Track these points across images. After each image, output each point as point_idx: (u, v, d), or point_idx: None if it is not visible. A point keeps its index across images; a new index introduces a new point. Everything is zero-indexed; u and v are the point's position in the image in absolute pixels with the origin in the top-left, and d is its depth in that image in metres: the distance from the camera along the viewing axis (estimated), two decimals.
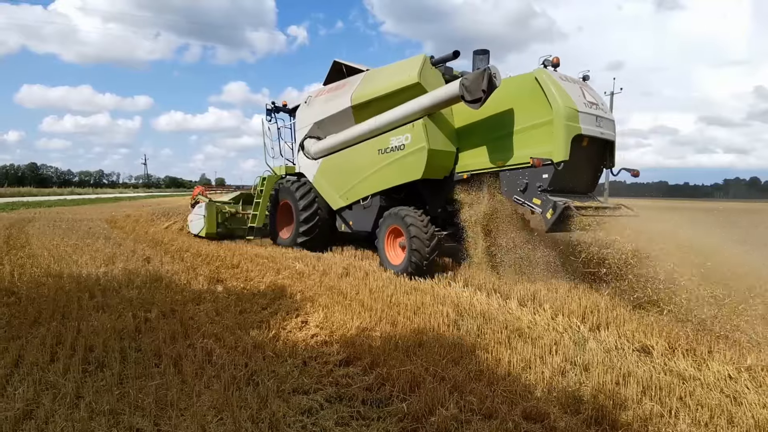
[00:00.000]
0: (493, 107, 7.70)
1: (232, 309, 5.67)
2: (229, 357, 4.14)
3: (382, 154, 8.95)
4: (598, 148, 7.75)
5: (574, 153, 7.06)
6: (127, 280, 7.04)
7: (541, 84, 7.24)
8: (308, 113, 10.95)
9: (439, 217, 8.79)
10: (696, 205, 51.81)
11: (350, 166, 9.78)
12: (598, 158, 7.96)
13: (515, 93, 7.65)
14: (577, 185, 7.77)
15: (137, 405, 3.32)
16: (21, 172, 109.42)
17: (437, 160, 8.30)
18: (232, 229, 12.72)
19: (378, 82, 9.26)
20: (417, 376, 3.78)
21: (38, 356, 4.08)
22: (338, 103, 9.94)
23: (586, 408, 3.36)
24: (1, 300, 5.83)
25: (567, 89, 7.22)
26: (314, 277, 7.51)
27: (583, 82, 7.93)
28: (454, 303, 6.05)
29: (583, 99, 7.35)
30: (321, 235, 10.63)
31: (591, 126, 7.30)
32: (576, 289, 6.62)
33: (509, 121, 7.68)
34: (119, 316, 5.26)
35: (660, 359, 4.37)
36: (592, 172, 8.07)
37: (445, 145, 8.38)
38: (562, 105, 6.99)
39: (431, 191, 8.90)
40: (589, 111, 7.33)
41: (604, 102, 8.02)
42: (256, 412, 3.23)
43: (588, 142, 7.35)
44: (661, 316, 5.49)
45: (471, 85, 7.30)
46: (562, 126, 6.97)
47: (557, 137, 7.01)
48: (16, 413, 3.13)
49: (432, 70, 8.67)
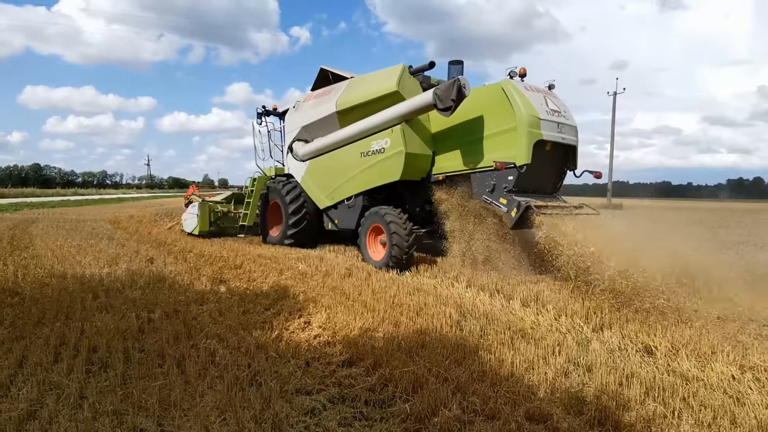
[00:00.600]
0: (465, 114, 8.43)
1: (235, 309, 5.68)
2: (232, 357, 4.15)
3: (364, 157, 9.61)
4: (561, 152, 8.43)
5: (537, 157, 7.77)
6: (131, 280, 7.06)
7: (506, 94, 7.94)
8: (296, 117, 11.56)
9: (417, 215, 9.53)
10: (697, 205, 51.76)
11: (335, 167, 10.38)
12: (562, 161, 8.64)
13: (485, 101, 8.33)
14: (542, 186, 8.46)
15: (141, 405, 3.33)
16: (24, 173, 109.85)
17: (414, 163, 8.99)
18: (224, 228, 13.32)
19: (361, 90, 9.90)
20: (420, 376, 3.78)
21: (42, 357, 4.09)
22: (324, 109, 10.54)
23: (589, 409, 3.36)
24: (4, 300, 5.84)
25: (530, 98, 7.91)
26: (317, 278, 7.52)
27: (548, 91, 8.64)
28: (457, 304, 6.05)
29: (545, 107, 8.03)
30: (309, 233, 11.19)
31: (552, 132, 7.99)
32: (578, 290, 6.62)
33: (479, 127, 8.38)
34: (123, 316, 5.27)
35: (663, 360, 4.36)
36: (556, 174, 8.74)
37: (421, 149, 9.11)
38: (525, 113, 7.69)
39: (410, 191, 9.62)
40: (551, 118, 8.00)
41: (567, 109, 8.58)
42: (259, 413, 3.24)
43: (551, 146, 8.05)
44: (664, 317, 5.49)
45: (442, 94, 7.98)
46: (525, 132, 7.65)
47: (520, 143, 7.70)
48: (20, 413, 3.14)
49: (410, 79, 9.36)
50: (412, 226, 8.69)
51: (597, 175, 9.02)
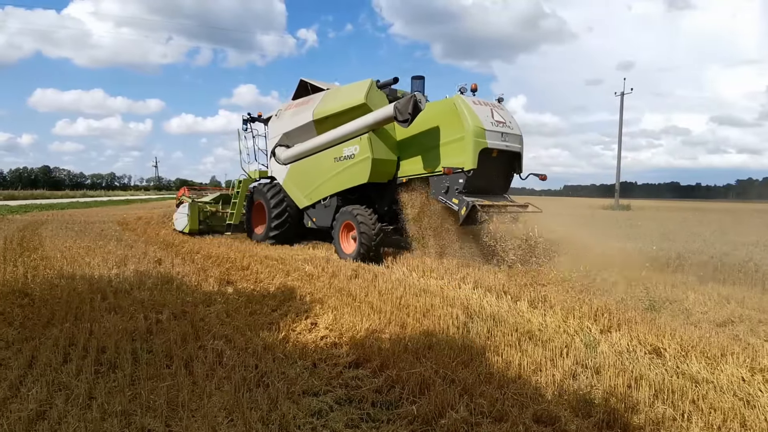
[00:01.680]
0: (425, 124, 9.50)
1: (242, 310, 5.70)
2: (240, 358, 4.16)
3: (338, 162, 10.69)
4: (507, 158, 9.49)
5: (484, 162, 8.83)
6: (139, 281, 7.10)
7: (456, 108, 9.00)
8: (279, 124, 12.56)
9: (386, 214, 10.55)
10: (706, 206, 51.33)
11: (313, 171, 11.42)
12: (509, 166, 9.72)
13: (440, 114, 9.38)
14: (492, 187, 9.49)
15: (149, 406, 3.35)
16: (34, 175, 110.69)
17: (381, 167, 10.07)
18: (212, 226, 14.19)
19: (335, 101, 10.93)
20: (427, 378, 3.77)
21: (51, 357, 4.12)
22: (303, 117, 11.55)
23: (597, 411, 3.34)
24: (14, 301, 5.89)
25: (477, 112, 8.95)
26: (323, 279, 7.53)
27: (497, 104, 9.67)
28: (464, 305, 6.03)
29: (491, 119, 9.08)
30: (290, 230, 12.16)
31: (497, 141, 9.03)
32: (587, 291, 6.59)
33: (436, 136, 9.42)
34: (131, 317, 5.30)
35: (672, 362, 4.33)
36: (503, 177, 9.85)
37: (387, 155, 10.16)
38: (472, 125, 8.75)
39: (379, 193, 10.72)
40: (496, 129, 9.05)
41: (512, 120, 9.65)
42: (266, 414, 3.24)
43: (497, 153, 9.11)
44: (674, 319, 5.45)
45: (401, 108, 9.06)
46: (471, 141, 8.71)
47: (467, 150, 8.75)
48: (29, 414, 3.16)
49: (378, 92, 10.41)
50: (380, 223, 9.81)
51: (542, 178, 10.15)
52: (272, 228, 12.01)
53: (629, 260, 8.19)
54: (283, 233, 12.02)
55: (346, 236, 10.20)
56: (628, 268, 7.81)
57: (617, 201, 41.51)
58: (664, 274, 8.54)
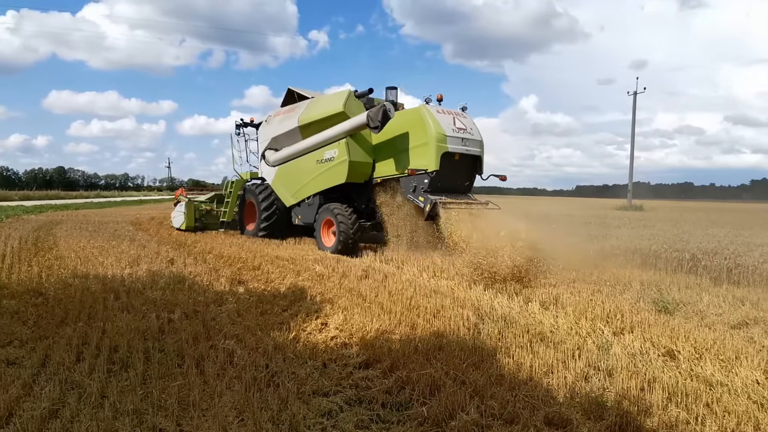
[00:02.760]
0: (396, 130, 10.58)
1: (253, 310, 5.72)
2: (251, 358, 4.17)
3: (320, 164, 11.74)
4: (469, 160, 10.60)
5: (446, 165, 9.93)
6: (151, 281, 7.15)
7: (422, 116, 10.12)
8: (268, 129, 13.68)
9: (363, 211, 11.55)
10: (721, 206, 50.70)
11: (298, 172, 12.49)
12: (470, 168, 10.81)
13: (408, 121, 10.47)
14: (455, 187, 10.53)
15: (160, 405, 3.36)
16: (49, 176, 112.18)
17: (357, 169, 11.11)
18: (207, 224, 15.27)
19: (317, 109, 12.07)
20: (437, 379, 3.76)
21: (64, 356, 4.16)
22: (289, 123, 12.66)
23: (609, 414, 3.30)
24: (29, 300, 5.97)
25: (440, 120, 10.03)
26: (334, 279, 7.53)
27: (460, 112, 10.75)
28: (475, 306, 6.01)
29: (452, 126, 10.13)
30: (278, 227, 13.20)
31: (457, 146, 10.11)
32: (599, 293, 6.54)
33: (405, 141, 10.47)
34: (143, 316, 5.34)
35: (686, 364, 4.27)
36: (466, 178, 10.92)
37: (363, 158, 11.23)
38: (434, 131, 9.85)
39: (357, 192, 11.73)
40: (457, 135, 10.12)
41: (473, 127, 10.68)
42: (276, 414, 3.25)
43: (459, 156, 10.20)
44: (688, 321, 5.39)
45: (372, 116, 10.11)
46: (434, 146, 9.79)
47: (430, 154, 9.84)
48: (42, 412, 3.19)
49: (355, 101, 11.53)
50: (358, 219, 10.83)
51: (502, 178, 11.37)
52: (262, 224, 13.16)
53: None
54: (272, 229, 13.11)
55: (327, 231, 11.20)
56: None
57: (630, 201, 41.12)
58: (678, 275, 8.45)
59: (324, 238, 11.26)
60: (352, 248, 10.58)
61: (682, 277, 8.31)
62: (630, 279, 7.80)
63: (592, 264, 8.59)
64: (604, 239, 11.40)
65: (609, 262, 9.42)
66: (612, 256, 9.99)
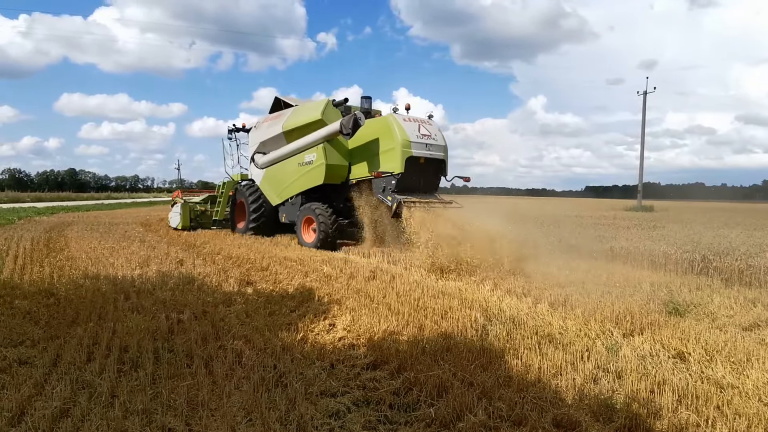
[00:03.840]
0: (368, 136, 11.59)
1: (261, 311, 5.74)
2: (259, 358, 4.19)
3: (301, 166, 12.80)
4: (434, 164, 11.55)
5: (412, 168, 10.91)
6: (161, 282, 7.20)
7: (389, 124, 11.12)
8: (257, 135, 14.74)
9: (342, 210, 12.54)
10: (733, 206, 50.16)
11: (283, 174, 13.52)
12: (436, 170, 11.77)
13: (378, 128, 11.44)
14: (422, 188, 11.52)
15: (169, 405, 3.39)
16: (60, 178, 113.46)
17: (334, 171, 12.16)
18: (201, 223, 16.45)
19: (299, 116, 13.12)
20: (445, 381, 3.75)
21: (75, 356, 4.21)
22: (275, 129, 13.73)
23: (619, 416, 3.28)
24: (41, 301, 6.04)
25: (405, 127, 11.02)
26: (341, 280, 7.55)
27: (426, 119, 11.78)
28: (483, 307, 5.99)
29: (417, 133, 11.15)
30: (266, 224, 14.16)
31: (421, 150, 11.09)
32: (609, 294, 6.49)
33: (376, 146, 11.44)
34: (153, 317, 5.38)
35: (697, 366, 4.23)
36: (432, 179, 11.88)
37: (339, 161, 12.24)
38: (400, 138, 10.84)
39: (335, 192, 12.72)
40: (421, 141, 11.12)
41: (437, 133, 11.69)
42: (284, 414, 3.26)
43: (424, 160, 11.19)
44: (698, 322, 5.34)
45: (345, 124, 11.28)
46: (399, 151, 10.80)
47: (396, 158, 10.84)
48: (53, 411, 3.23)
49: (333, 110, 12.65)
50: (337, 217, 11.93)
51: (466, 179, 12.26)
52: (251, 222, 14.18)
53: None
54: (260, 227, 14.12)
55: (307, 228, 12.28)
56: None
57: (640, 202, 40.79)
58: (689, 276, 8.38)
59: (304, 234, 12.30)
60: (331, 244, 11.64)
61: (692, 278, 8.24)
62: (640, 280, 7.74)
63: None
64: (614, 240, 11.31)
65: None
66: (619, 257, 9.93)
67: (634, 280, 7.74)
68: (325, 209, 11.86)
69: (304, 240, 12.24)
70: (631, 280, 7.79)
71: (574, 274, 8.12)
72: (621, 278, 7.86)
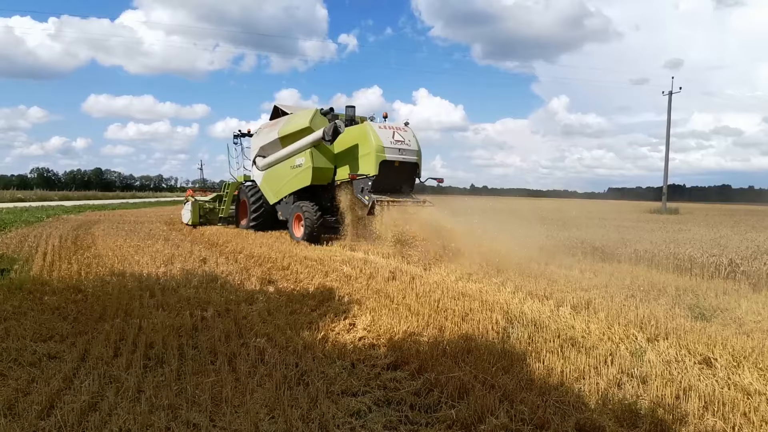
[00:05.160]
0: (349, 142, 12.89)
1: (283, 309, 5.80)
2: (281, 356, 4.24)
3: (292, 169, 14.08)
4: (408, 167, 12.77)
5: (387, 170, 12.15)
6: (185, 279, 7.32)
7: (366, 131, 12.48)
8: (258, 140, 16.13)
9: (329, 208, 13.77)
10: (761, 209, 48.84)
11: (278, 175, 14.79)
12: (410, 173, 13.01)
13: (357, 135, 12.76)
14: (398, 188, 12.81)
15: (194, 401, 3.45)
16: (87, 177, 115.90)
17: (320, 174, 13.45)
18: (210, 219, 17.97)
19: (291, 124, 14.43)
20: (466, 383, 3.74)
21: (103, 351, 4.30)
22: (272, 135, 14.99)
23: (643, 422, 3.23)
24: (69, 297, 6.19)
25: (380, 134, 12.26)
26: (361, 281, 7.57)
27: (402, 126, 12.96)
28: (504, 310, 5.95)
29: (391, 139, 12.34)
30: (265, 221, 15.58)
31: (395, 155, 12.29)
32: (633, 298, 6.40)
33: (356, 151, 12.72)
34: (177, 314, 5.48)
35: (723, 372, 4.14)
36: (407, 180, 13.13)
37: (325, 164, 13.50)
38: (374, 144, 12.08)
39: (323, 192, 13.98)
40: (394, 146, 12.31)
41: (411, 139, 12.81)
42: (306, 412, 3.29)
43: (399, 163, 12.42)
44: (725, 328, 5.23)
45: (326, 131, 12.71)
46: (374, 156, 12.02)
47: (371, 162, 12.11)
48: (82, 405, 3.31)
49: (320, 118, 13.97)
50: (323, 215, 13.27)
51: (439, 181, 13.79)
52: (252, 220, 15.74)
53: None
54: (260, 223, 15.58)
55: (297, 224, 13.54)
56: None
57: (665, 204, 40.03)
58: (715, 281, 8.20)
59: (295, 229, 13.63)
60: (316, 237, 13.00)
61: (719, 282, 8.06)
62: (665, 284, 7.61)
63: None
64: (638, 242, 11.13)
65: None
66: (644, 260, 9.76)
67: (658, 284, 7.61)
68: (311, 207, 13.12)
69: (294, 234, 13.56)
70: (656, 283, 7.67)
71: (598, 277, 8.02)
72: (645, 282, 7.74)
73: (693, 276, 8.73)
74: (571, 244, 11.46)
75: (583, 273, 8.50)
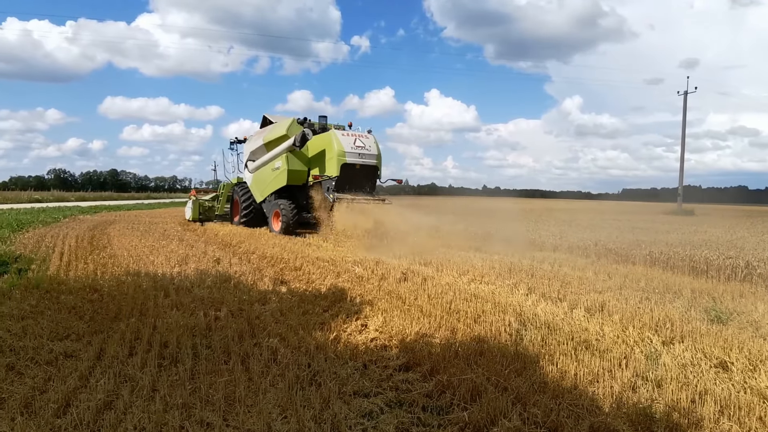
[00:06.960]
0: (319, 147, 15.10)
1: (295, 310, 5.83)
2: (293, 357, 4.26)
3: (273, 171, 16.02)
4: (369, 169, 14.99)
5: (349, 172, 14.35)
6: (199, 279, 7.39)
7: (330, 138, 14.65)
8: (249, 145, 18.19)
9: (304, 206, 15.53)
10: None
11: (263, 177, 16.70)
12: (371, 174, 15.28)
13: (323, 141, 14.95)
14: (361, 188, 14.94)
15: (208, 400, 3.48)
16: (103, 178, 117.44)
17: (295, 175, 15.42)
18: (208, 217, 20.17)
19: (273, 132, 16.31)
20: (478, 385, 3.73)
21: (118, 350, 4.36)
22: (259, 141, 16.86)
23: (658, 426, 3.20)
24: (85, 296, 6.27)
25: (342, 140, 14.42)
26: (373, 282, 7.57)
27: (364, 134, 15.22)
28: (517, 312, 5.91)
29: (352, 144, 14.48)
30: (254, 218, 17.28)
31: (355, 158, 14.45)
32: (648, 300, 6.33)
33: (323, 155, 14.84)
34: (191, 314, 5.53)
35: (740, 376, 4.08)
36: (369, 181, 15.35)
37: (299, 167, 15.50)
38: (337, 149, 14.28)
39: (299, 191, 15.83)
40: (355, 151, 14.46)
41: (372, 145, 14.99)
42: (318, 413, 3.30)
43: (359, 166, 14.57)
44: (742, 331, 5.15)
45: (297, 138, 14.72)
46: (335, 159, 14.20)
47: (333, 165, 14.27)
48: (97, 403, 3.35)
49: (296, 126, 15.86)
50: (300, 211, 15.27)
51: (399, 182, 17.13)
52: (242, 217, 17.56)
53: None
54: (250, 220, 17.27)
55: (276, 219, 15.53)
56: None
57: (680, 206, 39.55)
58: (731, 283, 8.09)
59: (274, 223, 15.59)
60: (292, 230, 14.98)
61: (736, 285, 7.94)
62: (681, 286, 7.52)
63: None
64: (653, 244, 11.01)
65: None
66: (659, 262, 9.65)
67: (674, 286, 7.52)
68: (288, 205, 15.11)
69: (273, 228, 15.57)
70: (671, 286, 7.58)
71: (612, 279, 7.95)
72: (660, 284, 7.66)
73: (709, 278, 8.62)
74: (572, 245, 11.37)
75: (597, 275, 8.43)
